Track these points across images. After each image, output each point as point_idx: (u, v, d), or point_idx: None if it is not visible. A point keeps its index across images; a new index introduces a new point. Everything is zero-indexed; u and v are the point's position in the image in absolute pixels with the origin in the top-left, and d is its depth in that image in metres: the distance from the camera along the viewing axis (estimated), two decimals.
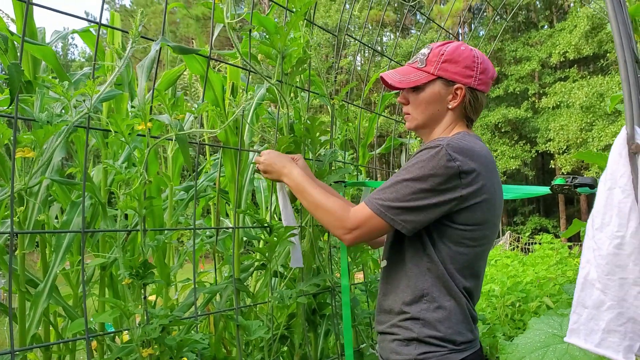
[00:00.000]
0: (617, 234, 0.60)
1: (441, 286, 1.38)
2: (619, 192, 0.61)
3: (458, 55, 1.45)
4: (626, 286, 0.60)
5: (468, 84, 1.46)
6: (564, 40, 22.22)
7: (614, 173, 0.62)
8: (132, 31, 1.47)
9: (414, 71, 1.51)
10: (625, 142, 0.61)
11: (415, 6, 3.04)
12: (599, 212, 0.64)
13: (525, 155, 24.41)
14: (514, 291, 4.71)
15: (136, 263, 1.54)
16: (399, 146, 3.61)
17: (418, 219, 1.34)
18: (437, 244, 1.38)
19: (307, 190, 1.55)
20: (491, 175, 1.39)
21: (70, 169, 2.20)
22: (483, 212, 1.37)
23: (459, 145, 1.33)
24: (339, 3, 26.08)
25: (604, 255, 0.62)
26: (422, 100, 1.50)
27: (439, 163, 1.31)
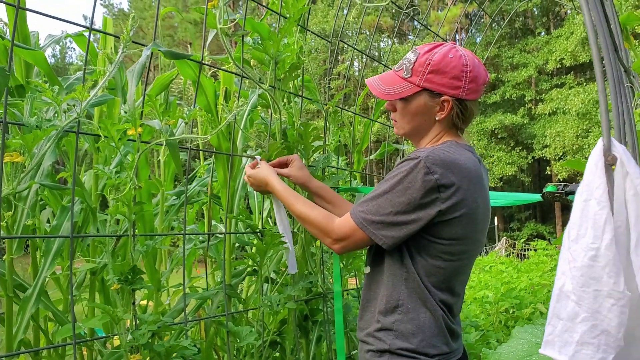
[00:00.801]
0: (592, 245, 0.61)
1: (417, 298, 1.35)
2: (595, 204, 0.61)
3: (445, 65, 1.38)
4: (600, 298, 0.60)
5: (456, 95, 1.40)
6: (561, 47, 22.32)
7: (590, 184, 0.62)
8: (124, 36, 1.47)
9: (399, 81, 1.45)
10: (601, 154, 0.61)
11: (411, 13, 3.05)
12: (575, 223, 0.64)
13: (522, 161, 24.48)
14: (508, 297, 4.72)
15: (125, 268, 1.53)
16: (394, 151, 3.62)
17: (398, 234, 1.32)
18: (415, 256, 1.36)
19: (290, 203, 1.57)
20: (473, 189, 1.34)
21: (62, 174, 2.19)
22: (462, 227, 1.33)
23: (440, 157, 1.29)
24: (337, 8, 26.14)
25: (579, 267, 0.62)
26: (408, 111, 1.46)
27: (416, 176, 1.28)
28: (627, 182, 0.60)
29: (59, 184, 2.04)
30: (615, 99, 0.66)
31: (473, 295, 5.02)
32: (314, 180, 1.84)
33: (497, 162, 23.98)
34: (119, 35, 1.55)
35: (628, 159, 0.60)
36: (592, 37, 0.62)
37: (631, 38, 1.94)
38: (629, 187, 0.60)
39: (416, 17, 3.61)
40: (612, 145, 0.61)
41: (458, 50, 1.41)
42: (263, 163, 1.76)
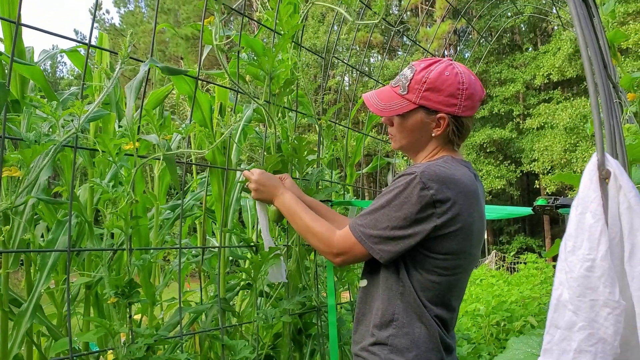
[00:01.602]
0: (588, 257, 0.63)
1: (412, 312, 1.35)
2: (590, 217, 0.63)
3: (441, 82, 1.39)
4: (597, 307, 0.62)
5: (452, 112, 1.41)
6: (548, 62, 22.59)
7: (584, 198, 0.64)
8: (122, 52, 1.48)
9: (395, 98, 1.46)
10: (595, 168, 0.64)
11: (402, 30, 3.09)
12: (571, 235, 0.66)
13: (511, 175, 24.63)
14: (499, 310, 4.74)
15: (122, 282, 1.54)
16: (385, 165, 3.65)
17: (395, 249, 1.33)
18: (410, 270, 1.36)
19: (297, 214, 1.57)
20: (469, 204, 1.35)
21: (56, 188, 2.19)
22: (458, 242, 1.34)
23: (435, 172, 1.31)
24: (327, 24, 26.33)
25: (575, 278, 0.64)
26: (404, 127, 1.48)
27: (412, 191, 1.29)
28: (621, 195, 0.63)
29: (54, 198, 2.04)
30: (608, 115, 0.69)
31: (464, 309, 5.04)
32: (305, 197, 1.86)
33: (486, 175, 24.11)
34: (115, 51, 1.57)
35: (621, 173, 0.63)
36: (585, 55, 0.64)
37: (618, 54, 1.99)
38: (623, 200, 0.63)
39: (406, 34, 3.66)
40: (606, 159, 0.63)
41: (455, 68, 1.42)
42: (267, 172, 1.77)
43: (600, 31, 1.63)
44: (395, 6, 28.92)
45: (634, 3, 19.47)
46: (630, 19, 19.42)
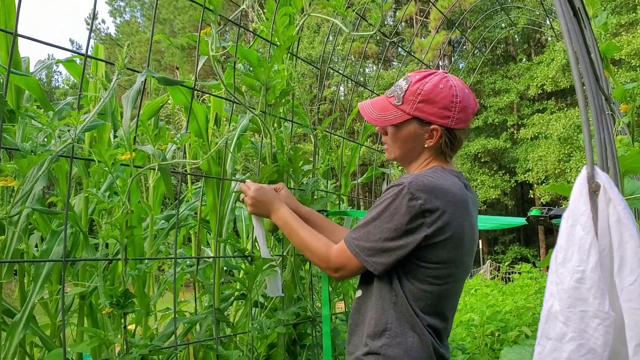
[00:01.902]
0: (578, 268, 0.64)
1: (405, 322, 1.36)
2: (580, 229, 0.64)
3: (435, 95, 1.42)
4: (587, 318, 0.63)
5: (445, 124, 1.43)
6: (542, 73, 22.75)
7: (575, 210, 0.65)
8: (119, 63, 1.49)
9: (390, 108, 1.49)
10: (585, 181, 0.65)
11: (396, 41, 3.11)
12: (562, 247, 0.67)
13: (505, 185, 24.71)
14: (494, 320, 4.74)
15: (117, 292, 1.54)
16: (380, 175, 3.66)
17: (388, 261, 1.35)
18: (402, 279, 1.37)
19: (294, 230, 1.58)
20: (459, 213, 1.36)
21: (51, 198, 2.19)
22: (448, 250, 1.35)
23: (423, 182, 1.32)
24: (323, 35, 26.45)
25: (566, 289, 0.65)
26: (398, 137, 1.50)
27: (401, 202, 1.31)
28: (610, 208, 0.64)
29: (48, 208, 2.04)
30: (598, 128, 0.70)
31: (459, 319, 5.04)
32: (301, 207, 1.86)
33: (481, 185, 24.19)
34: (112, 62, 1.58)
35: (610, 186, 0.64)
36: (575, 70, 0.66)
37: (611, 66, 2.01)
38: (612, 213, 0.64)
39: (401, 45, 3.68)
40: (596, 173, 0.64)
41: (449, 80, 1.44)
42: (266, 186, 1.77)
43: (593, 44, 1.65)
44: (390, 17, 29.09)
45: (626, 15, 19.67)
46: (622, 30, 19.61)
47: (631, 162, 1.44)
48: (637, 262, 0.63)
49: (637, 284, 0.63)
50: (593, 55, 1.52)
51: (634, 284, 0.63)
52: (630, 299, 0.64)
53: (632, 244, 0.63)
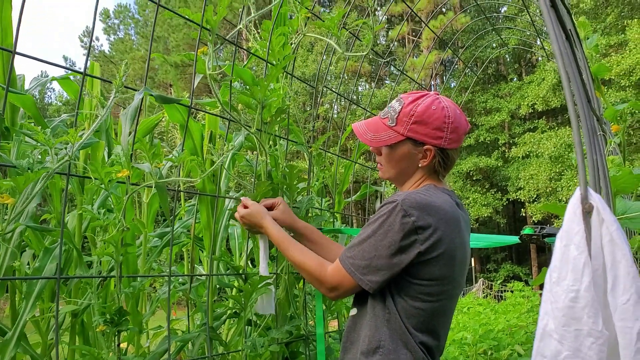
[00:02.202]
0: (572, 287, 0.65)
1: (398, 339, 1.36)
2: (574, 249, 0.65)
3: (428, 116, 1.45)
4: (581, 337, 0.64)
5: (438, 145, 1.46)
6: (533, 92, 22.97)
7: (569, 231, 0.67)
8: (116, 81, 1.51)
9: (384, 129, 1.52)
10: (579, 202, 0.66)
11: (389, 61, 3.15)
12: (556, 266, 0.68)
13: (497, 203, 24.80)
14: (486, 339, 4.73)
15: (111, 310, 1.53)
16: (374, 193, 3.67)
17: (382, 279, 1.36)
18: (395, 297, 1.39)
19: (284, 249, 1.61)
20: (451, 230, 1.38)
21: (45, 215, 2.19)
22: (440, 267, 1.36)
23: (416, 199, 1.35)
24: (316, 53, 26.64)
25: (560, 308, 0.66)
26: (392, 157, 1.53)
27: (395, 219, 1.33)
28: (603, 228, 0.65)
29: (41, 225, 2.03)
30: (590, 149, 0.72)
31: (452, 337, 5.02)
32: (298, 222, 1.87)
33: (473, 203, 24.27)
34: (110, 80, 1.59)
35: (603, 207, 0.66)
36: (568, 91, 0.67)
37: (602, 87, 2.04)
38: (605, 234, 0.65)
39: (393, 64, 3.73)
40: (589, 194, 0.66)
41: (441, 102, 1.48)
42: (256, 204, 1.79)
43: (584, 65, 1.68)
44: (382, 37, 29.38)
45: (615, 36, 19.95)
46: (612, 51, 19.88)
47: (622, 182, 1.46)
48: (630, 282, 0.64)
49: (630, 303, 0.64)
50: (585, 76, 1.55)
51: (627, 303, 0.65)
52: (624, 318, 0.65)
53: (624, 263, 0.65)
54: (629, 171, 1.46)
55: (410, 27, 26.81)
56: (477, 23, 18.89)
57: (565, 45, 0.80)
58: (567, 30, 0.81)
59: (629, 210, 1.51)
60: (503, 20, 20.42)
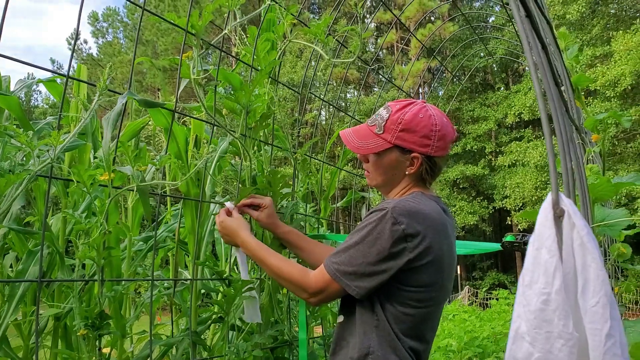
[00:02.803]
0: (543, 290, 0.66)
1: (387, 345, 1.37)
2: (546, 252, 0.67)
3: (416, 124, 1.46)
4: (552, 339, 0.66)
5: (425, 152, 1.48)
6: (519, 102, 23.16)
7: (541, 234, 0.68)
8: (100, 84, 1.51)
9: (372, 137, 1.53)
10: (550, 207, 0.68)
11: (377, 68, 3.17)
12: (528, 270, 0.70)
13: (483, 211, 24.94)
14: (471, 346, 4.75)
15: (92, 314, 1.53)
16: (360, 199, 3.68)
17: (370, 285, 1.36)
18: (384, 303, 1.39)
19: (262, 259, 1.60)
20: (439, 237, 1.40)
21: (28, 218, 2.17)
22: (429, 274, 1.38)
23: (405, 207, 1.36)
24: (305, 59, 26.69)
25: (532, 311, 0.67)
26: (380, 165, 1.54)
27: (385, 227, 1.34)
28: (574, 233, 0.67)
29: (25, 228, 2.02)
30: (564, 156, 0.73)
31: (437, 344, 5.04)
32: (281, 227, 1.87)
33: (459, 211, 24.38)
34: (94, 83, 1.59)
35: (574, 212, 0.67)
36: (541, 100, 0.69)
37: (582, 97, 2.07)
38: (576, 238, 0.67)
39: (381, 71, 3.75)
40: (560, 199, 0.67)
41: (428, 110, 1.49)
42: (235, 214, 1.78)
43: (564, 75, 1.70)
44: (371, 44, 29.50)
45: (600, 47, 20.20)
46: (597, 62, 20.12)
47: (601, 189, 1.48)
48: (600, 285, 0.66)
49: (599, 306, 0.66)
50: (564, 86, 1.57)
51: (596, 305, 0.66)
52: (593, 320, 0.66)
53: (594, 267, 0.66)
54: (606, 179, 1.48)
55: (399, 34, 26.98)
56: (464, 32, 19.07)
57: (540, 55, 0.81)
58: (542, 40, 0.83)
59: (608, 218, 1.54)
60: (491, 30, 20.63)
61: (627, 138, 20.70)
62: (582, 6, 19.74)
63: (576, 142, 1.28)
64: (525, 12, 0.73)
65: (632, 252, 2.09)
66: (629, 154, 20.36)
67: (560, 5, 20.16)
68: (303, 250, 1.83)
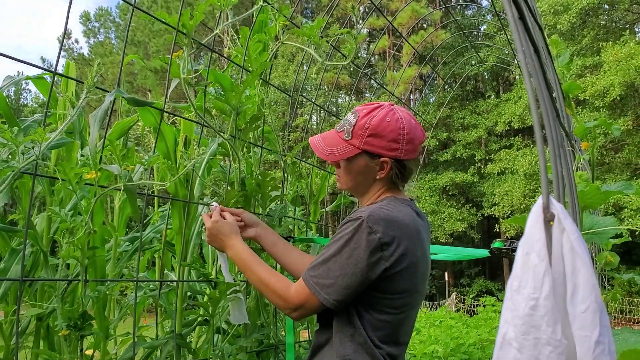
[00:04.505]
0: (532, 296, 0.65)
1: (364, 352, 1.36)
2: (535, 257, 0.66)
3: (383, 129, 1.45)
4: (540, 345, 0.65)
5: (394, 156, 1.47)
6: (509, 110, 23.30)
7: (530, 239, 0.67)
8: (88, 81, 1.49)
9: (340, 142, 1.52)
10: (540, 211, 0.67)
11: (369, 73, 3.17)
12: (517, 275, 0.69)
13: (472, 218, 25.02)
14: (457, 353, 4.75)
15: (75, 314, 1.50)
16: (349, 204, 3.67)
17: (348, 298, 1.36)
18: (361, 312, 1.39)
19: (249, 268, 1.56)
20: (413, 243, 1.39)
21: (12, 216, 2.14)
22: (404, 280, 1.38)
23: (380, 215, 1.35)
24: (297, 63, 26.70)
25: (520, 316, 0.66)
26: (350, 170, 1.53)
27: (360, 236, 1.33)
28: (564, 237, 0.66)
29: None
30: (555, 161, 0.73)
31: (423, 350, 5.04)
32: (267, 230, 1.86)
33: (448, 218, 24.45)
34: (82, 80, 1.57)
35: (565, 216, 0.66)
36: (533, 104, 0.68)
37: (572, 104, 2.08)
38: (566, 242, 0.66)
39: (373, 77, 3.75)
40: (551, 203, 0.67)
41: (395, 113, 1.48)
42: (228, 216, 1.75)
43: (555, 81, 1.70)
44: (364, 49, 29.59)
45: (590, 57, 20.37)
46: (587, 72, 20.29)
47: (590, 197, 1.48)
48: (589, 291, 0.65)
49: (588, 312, 0.65)
50: (555, 92, 1.57)
51: (586, 311, 0.65)
52: (582, 327, 0.65)
53: (584, 272, 0.65)
54: (596, 187, 1.48)
55: (391, 40, 27.07)
56: (456, 39, 19.16)
57: (533, 58, 0.81)
58: (535, 44, 0.82)
59: (596, 225, 1.54)
60: (482, 38, 20.74)
61: (615, 148, 20.88)
62: (573, 16, 19.91)
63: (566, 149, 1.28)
64: (519, 14, 0.72)
65: (619, 261, 2.10)
66: (616, 164, 20.53)
67: (552, 15, 20.33)
68: (291, 257, 1.81)
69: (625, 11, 21.79)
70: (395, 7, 25.26)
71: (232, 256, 1.66)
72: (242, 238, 1.70)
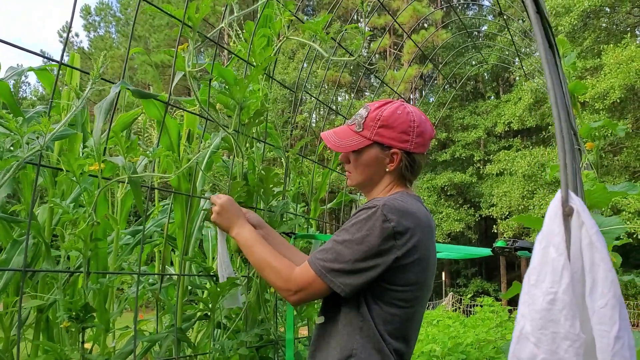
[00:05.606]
0: (550, 290, 0.65)
1: (371, 348, 1.36)
2: (553, 251, 0.65)
3: (394, 120, 1.48)
4: (558, 340, 0.64)
5: (404, 148, 1.49)
6: (509, 111, 23.31)
7: (549, 232, 0.66)
8: (93, 72, 1.48)
9: (351, 135, 1.54)
10: (560, 204, 0.66)
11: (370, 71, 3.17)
12: (535, 269, 0.68)
13: (469, 218, 25.04)
14: (455, 352, 4.75)
15: (76, 306, 1.49)
16: (349, 202, 3.67)
17: (357, 282, 1.35)
18: (370, 304, 1.38)
19: (255, 247, 1.56)
20: (426, 237, 1.40)
21: (14, 207, 2.13)
22: (415, 273, 1.38)
23: (395, 206, 1.36)
24: (297, 61, 26.69)
25: (538, 310, 0.65)
26: (360, 163, 1.55)
27: (375, 224, 1.33)
28: (583, 231, 0.66)
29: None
30: (571, 156, 0.72)
31: (420, 349, 5.04)
32: (270, 230, 1.85)
33: (446, 218, 24.46)
34: (87, 71, 1.56)
35: (583, 210, 0.66)
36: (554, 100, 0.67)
37: (578, 104, 2.08)
38: (585, 236, 0.65)
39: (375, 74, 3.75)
40: (570, 197, 0.66)
41: (406, 107, 1.52)
42: (235, 203, 1.75)
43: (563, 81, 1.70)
44: (364, 48, 29.57)
45: (591, 59, 20.39)
46: (587, 74, 20.30)
47: (597, 196, 1.48)
48: (608, 286, 0.64)
49: (608, 307, 0.64)
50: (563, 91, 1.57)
51: (605, 306, 0.64)
52: (602, 322, 0.65)
53: (603, 267, 0.65)
54: (603, 186, 1.48)
55: (392, 40, 27.06)
56: (457, 40, 19.15)
57: (549, 53, 0.80)
58: (550, 39, 0.81)
59: (602, 225, 1.53)
60: (484, 38, 20.74)
61: (613, 151, 20.89)
62: (575, 19, 19.92)
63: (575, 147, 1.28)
64: (536, 9, 0.71)
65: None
66: (615, 166, 20.54)
67: (553, 17, 20.34)
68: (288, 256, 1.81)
69: (626, 14, 21.80)
70: (396, 6, 25.25)
71: (236, 235, 1.65)
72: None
